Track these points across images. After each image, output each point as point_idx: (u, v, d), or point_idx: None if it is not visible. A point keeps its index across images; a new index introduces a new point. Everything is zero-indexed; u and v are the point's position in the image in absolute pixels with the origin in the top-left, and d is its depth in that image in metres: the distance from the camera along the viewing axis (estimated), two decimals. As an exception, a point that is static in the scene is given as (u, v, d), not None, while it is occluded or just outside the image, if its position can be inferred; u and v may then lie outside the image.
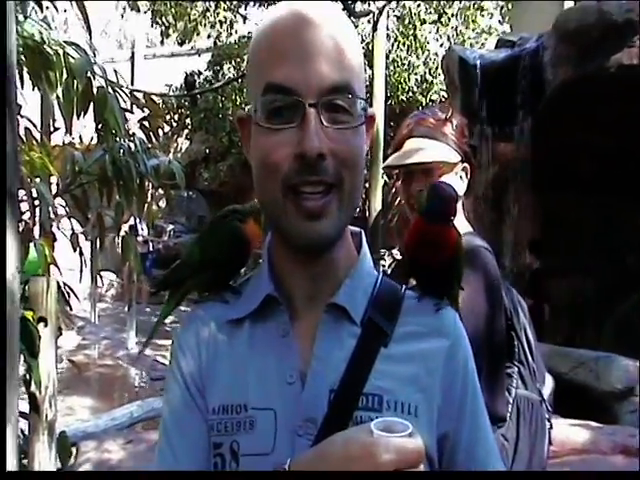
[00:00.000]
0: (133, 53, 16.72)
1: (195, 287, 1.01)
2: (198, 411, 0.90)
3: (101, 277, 11.07)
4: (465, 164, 1.72)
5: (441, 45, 12.85)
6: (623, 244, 6.58)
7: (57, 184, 2.58)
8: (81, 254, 2.67)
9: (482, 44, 12.74)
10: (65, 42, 2.06)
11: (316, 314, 0.90)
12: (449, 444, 0.90)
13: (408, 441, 0.73)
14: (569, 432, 3.90)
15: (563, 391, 2.00)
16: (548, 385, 1.81)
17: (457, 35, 13.05)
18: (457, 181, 1.70)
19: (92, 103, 2.24)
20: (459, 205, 1.73)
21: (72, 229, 2.66)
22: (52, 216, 2.46)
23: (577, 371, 5.28)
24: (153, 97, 2.97)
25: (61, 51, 2.05)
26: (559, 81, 6.43)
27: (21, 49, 1.87)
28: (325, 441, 0.79)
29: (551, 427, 1.77)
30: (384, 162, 1.94)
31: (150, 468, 0.93)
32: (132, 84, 13.55)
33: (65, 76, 2.08)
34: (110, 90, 2.28)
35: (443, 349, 0.91)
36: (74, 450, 3.95)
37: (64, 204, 2.67)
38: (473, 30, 13.20)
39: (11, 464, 1.35)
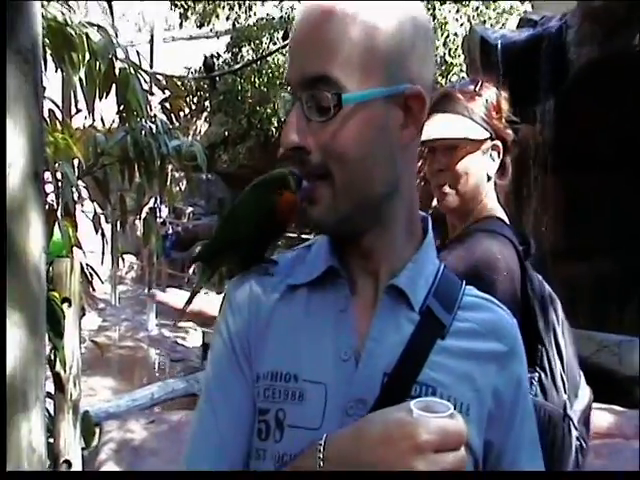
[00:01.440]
0: (152, 36, 16.67)
1: (228, 263, 1.00)
2: (242, 374, 0.89)
3: (123, 259, 11.15)
4: (496, 142, 1.58)
5: (461, 25, 12.69)
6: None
7: (79, 167, 2.59)
8: (103, 235, 2.68)
9: (503, 24, 12.56)
10: (88, 23, 2.06)
11: (375, 293, 0.88)
12: (494, 454, 0.88)
13: (449, 422, 0.72)
14: (592, 416, 3.86)
15: (585, 375, 1.88)
16: (582, 400, 1.55)
17: (478, 15, 12.88)
18: (486, 160, 1.58)
19: (114, 84, 2.24)
20: (490, 186, 1.60)
21: (94, 211, 2.68)
22: (75, 198, 2.47)
23: (599, 355, 5.23)
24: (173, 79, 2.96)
25: (84, 33, 2.04)
26: (583, 61, 6.32)
27: (44, 31, 1.86)
28: (363, 419, 0.78)
29: (582, 447, 1.51)
30: None
31: (191, 427, 0.92)
32: (151, 67, 13.54)
33: (88, 57, 2.08)
34: (132, 71, 2.28)
35: (499, 354, 0.88)
36: (97, 430, 4.00)
37: (86, 186, 2.68)
38: (494, 10, 13.02)
39: (38, 442, 1.36)
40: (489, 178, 1.59)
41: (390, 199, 0.87)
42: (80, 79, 2.08)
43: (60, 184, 2.22)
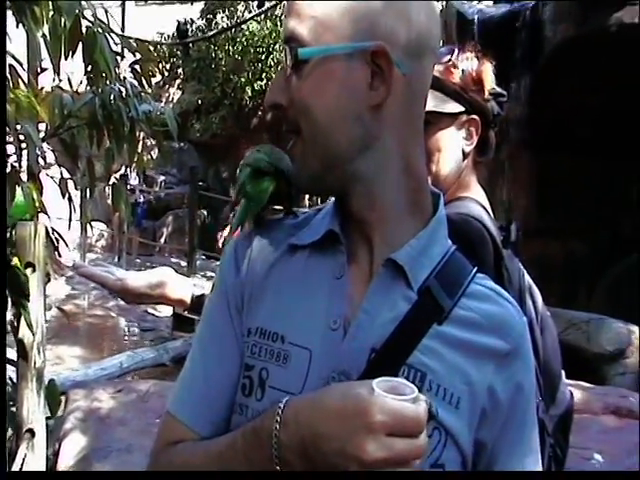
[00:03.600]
0: (124, -1, 16.32)
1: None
2: (232, 326, 0.89)
3: (91, 226, 11.01)
4: (473, 116, 1.43)
5: (438, 0, 12.63)
6: (617, 207, 6.56)
7: (45, 130, 2.51)
8: (70, 200, 2.61)
9: (481, -1, 12.52)
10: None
11: (372, 265, 0.85)
12: (486, 456, 0.84)
13: (407, 406, 0.67)
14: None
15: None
16: (560, 405, 1.42)
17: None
18: (461, 136, 1.44)
19: (81, 43, 2.15)
20: (467, 164, 1.46)
21: (61, 174, 2.60)
22: (40, 161, 2.39)
23: (568, 332, 5.29)
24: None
25: (48, -14, 1.96)
26: (559, 38, 6.34)
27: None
28: (324, 389, 0.76)
29: (556, 457, 1.37)
30: None
31: (180, 372, 0.93)
32: (123, 31, 13.23)
33: (52, 13, 1.99)
34: (100, 30, 2.19)
35: (499, 353, 0.83)
36: (63, 399, 3.95)
37: (52, 150, 2.60)
38: (472, -16, 12.97)
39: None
40: (466, 156, 1.46)
41: (362, 160, 0.84)
42: (44, 35, 1.99)
43: (22, 146, 2.14)
